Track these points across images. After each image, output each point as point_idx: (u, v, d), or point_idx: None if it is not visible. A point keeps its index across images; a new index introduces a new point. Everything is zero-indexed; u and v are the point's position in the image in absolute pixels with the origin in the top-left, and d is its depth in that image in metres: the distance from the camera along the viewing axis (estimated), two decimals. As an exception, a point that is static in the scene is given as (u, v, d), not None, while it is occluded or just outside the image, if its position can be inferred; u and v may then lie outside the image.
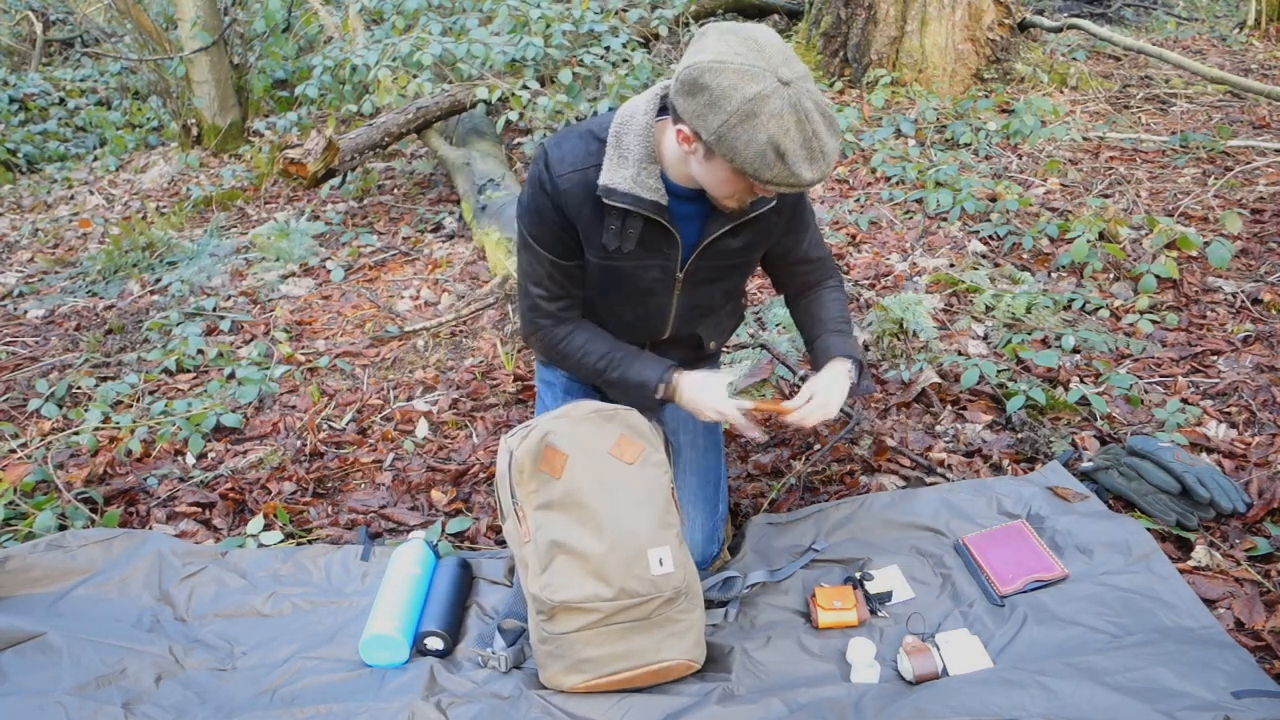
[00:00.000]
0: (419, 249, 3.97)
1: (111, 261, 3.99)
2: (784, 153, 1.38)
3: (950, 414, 2.49)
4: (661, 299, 1.80)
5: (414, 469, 2.50)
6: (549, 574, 1.62)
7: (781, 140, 1.37)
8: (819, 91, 1.41)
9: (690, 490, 1.95)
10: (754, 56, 1.37)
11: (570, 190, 1.63)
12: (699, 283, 1.79)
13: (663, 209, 1.62)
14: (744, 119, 1.36)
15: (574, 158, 1.63)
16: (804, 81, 1.39)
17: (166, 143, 6.49)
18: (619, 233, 1.64)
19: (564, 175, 1.62)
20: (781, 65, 1.37)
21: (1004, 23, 4.94)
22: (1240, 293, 2.90)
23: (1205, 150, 4.02)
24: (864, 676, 1.67)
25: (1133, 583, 1.79)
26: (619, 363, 1.79)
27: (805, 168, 1.40)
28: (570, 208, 1.64)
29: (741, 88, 1.36)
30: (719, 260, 1.76)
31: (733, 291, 1.91)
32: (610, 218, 1.63)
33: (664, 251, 1.71)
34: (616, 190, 1.58)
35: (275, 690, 1.74)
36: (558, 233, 1.69)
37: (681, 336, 1.92)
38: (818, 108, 1.39)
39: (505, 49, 4.30)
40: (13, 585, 1.96)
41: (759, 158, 1.38)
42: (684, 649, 1.66)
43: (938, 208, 3.63)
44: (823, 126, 1.40)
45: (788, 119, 1.36)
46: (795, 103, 1.36)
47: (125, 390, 2.90)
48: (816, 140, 1.39)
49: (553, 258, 1.73)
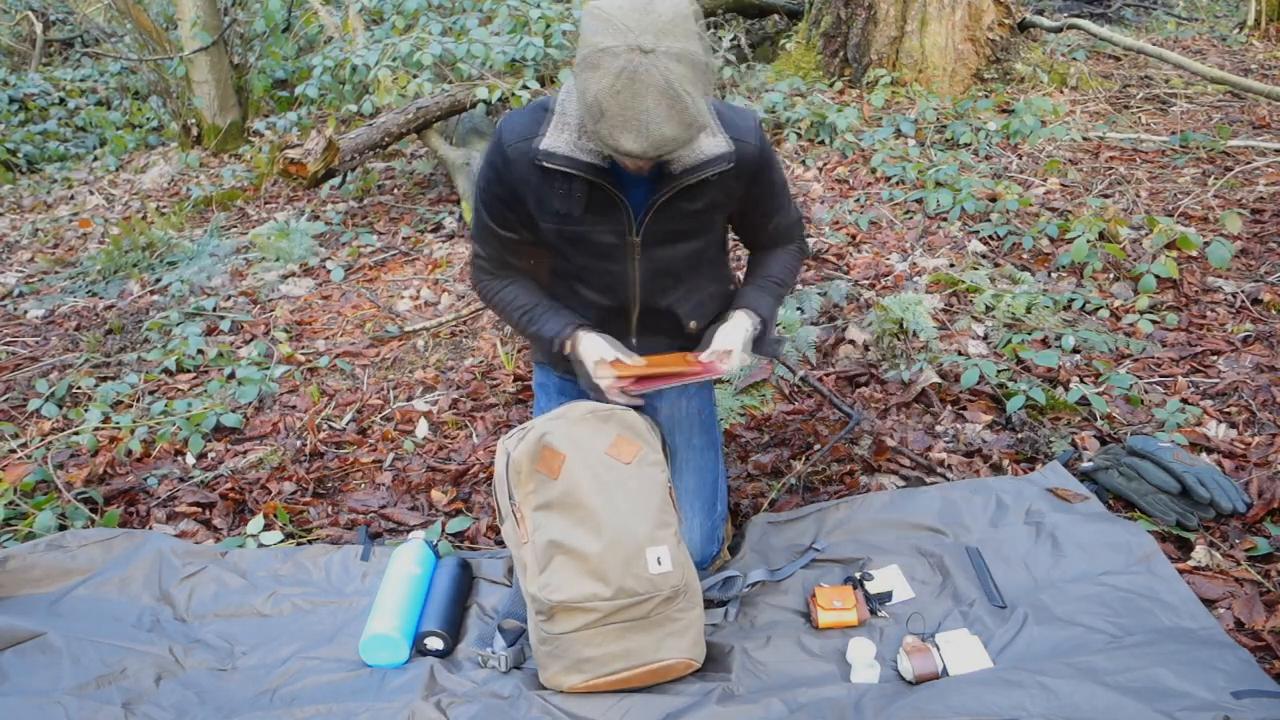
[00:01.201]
0: (419, 249, 3.97)
1: (111, 261, 3.99)
2: (605, 112, 1.39)
3: (950, 414, 2.49)
4: (622, 265, 1.78)
5: (414, 469, 2.50)
6: (547, 574, 1.62)
7: (606, 99, 1.38)
8: (686, 75, 1.39)
9: (687, 490, 1.95)
10: (632, 15, 1.38)
11: (517, 160, 1.66)
12: (657, 245, 1.76)
13: (603, 171, 1.62)
14: (588, 66, 1.40)
15: (522, 128, 1.66)
16: (669, 59, 1.37)
17: (166, 143, 6.49)
18: (567, 196, 1.66)
19: (511, 145, 1.66)
20: (652, 33, 1.37)
21: (1004, 23, 4.94)
22: (1240, 293, 2.90)
23: (1205, 150, 4.02)
24: (864, 676, 1.67)
25: (1133, 583, 1.80)
26: (536, 317, 1.82)
27: (625, 136, 1.41)
28: (518, 177, 1.68)
29: (598, 37, 1.38)
30: (676, 223, 1.73)
31: (698, 259, 1.85)
32: (557, 183, 1.65)
33: (613, 215, 1.70)
34: (554, 154, 1.61)
35: (275, 690, 1.74)
36: (501, 204, 1.74)
37: (655, 310, 1.88)
38: (666, 86, 1.37)
39: (505, 49, 4.30)
40: (13, 585, 1.96)
41: (589, 108, 1.41)
42: (683, 648, 1.66)
43: (938, 208, 3.63)
44: (659, 105, 1.38)
45: (621, 81, 1.37)
46: (638, 70, 1.36)
47: (125, 390, 2.90)
48: (645, 115, 1.38)
49: (493, 225, 1.78)
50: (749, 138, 1.69)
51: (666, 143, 1.42)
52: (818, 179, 4.15)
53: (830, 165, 4.25)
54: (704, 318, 1.93)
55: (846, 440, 2.41)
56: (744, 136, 1.68)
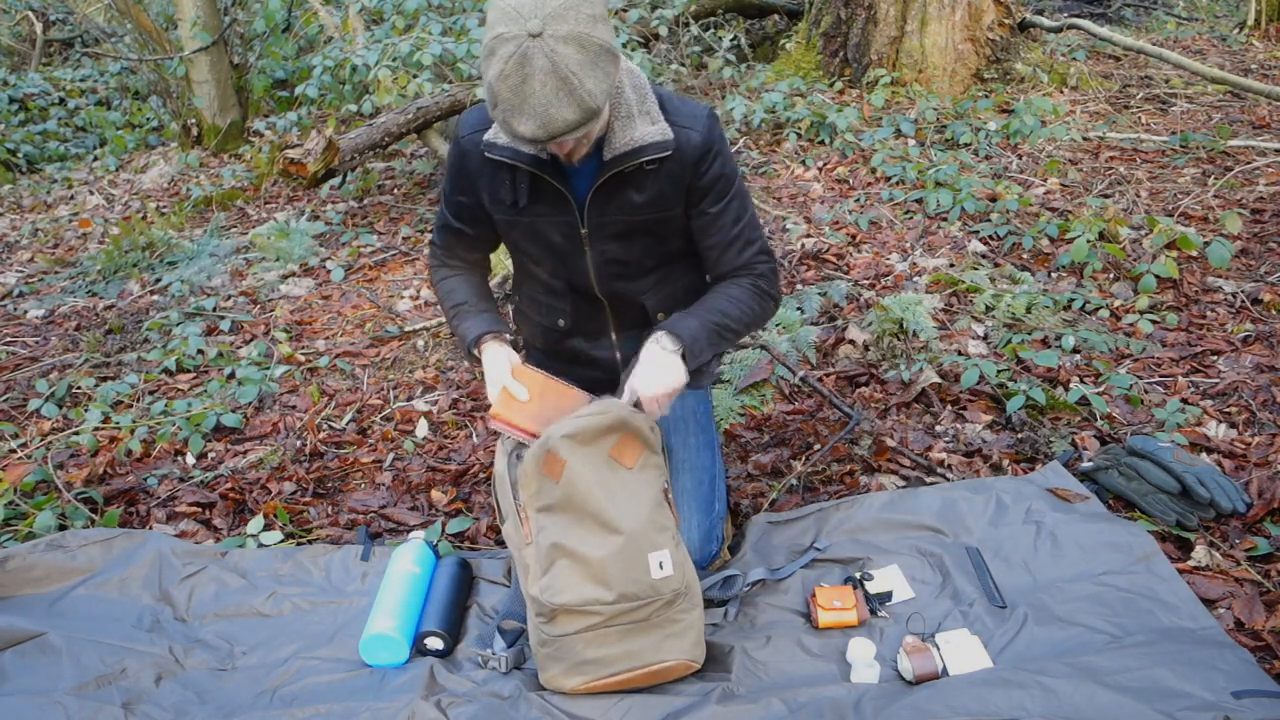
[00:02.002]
0: (419, 249, 3.97)
1: (111, 261, 3.99)
2: (498, 97, 1.42)
3: (950, 414, 2.49)
4: (575, 255, 1.79)
5: (414, 469, 2.50)
6: (549, 577, 1.62)
7: (498, 84, 1.41)
8: (577, 57, 1.39)
9: (684, 489, 1.94)
10: (527, 3, 1.39)
11: (470, 150, 1.71)
12: (608, 237, 1.76)
13: (542, 163, 1.65)
14: (486, 55, 1.43)
15: (477, 120, 1.71)
16: (558, 41, 1.38)
17: (166, 143, 6.49)
18: (512, 186, 1.70)
19: (465, 137, 1.71)
20: (543, 18, 1.38)
21: (1004, 23, 4.94)
22: (1240, 293, 2.90)
23: (1205, 150, 4.02)
24: (864, 676, 1.67)
25: (1133, 583, 1.80)
26: (462, 315, 1.85)
27: (517, 119, 1.43)
28: (471, 168, 1.73)
29: (495, 26, 1.41)
30: (623, 215, 1.72)
31: (658, 254, 1.82)
32: (502, 173, 1.69)
33: (559, 206, 1.72)
34: (496, 144, 1.65)
35: (275, 690, 1.74)
36: (456, 194, 1.80)
37: (621, 300, 1.87)
38: (554, 69, 1.39)
39: (505, 49, 4.29)
40: (13, 585, 1.96)
41: (488, 95, 1.44)
42: (683, 649, 1.66)
43: (938, 208, 3.63)
44: (547, 88, 1.40)
45: (511, 66, 1.39)
46: (527, 55, 1.38)
47: (125, 390, 2.90)
48: (534, 98, 1.40)
49: (450, 215, 1.84)
50: (694, 125, 1.67)
51: (558, 125, 1.43)
52: (818, 179, 4.15)
53: (830, 165, 4.25)
54: (671, 309, 1.88)
55: (846, 440, 2.41)
56: (688, 124, 1.67)
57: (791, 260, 3.40)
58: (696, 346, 1.71)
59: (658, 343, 1.71)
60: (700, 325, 1.73)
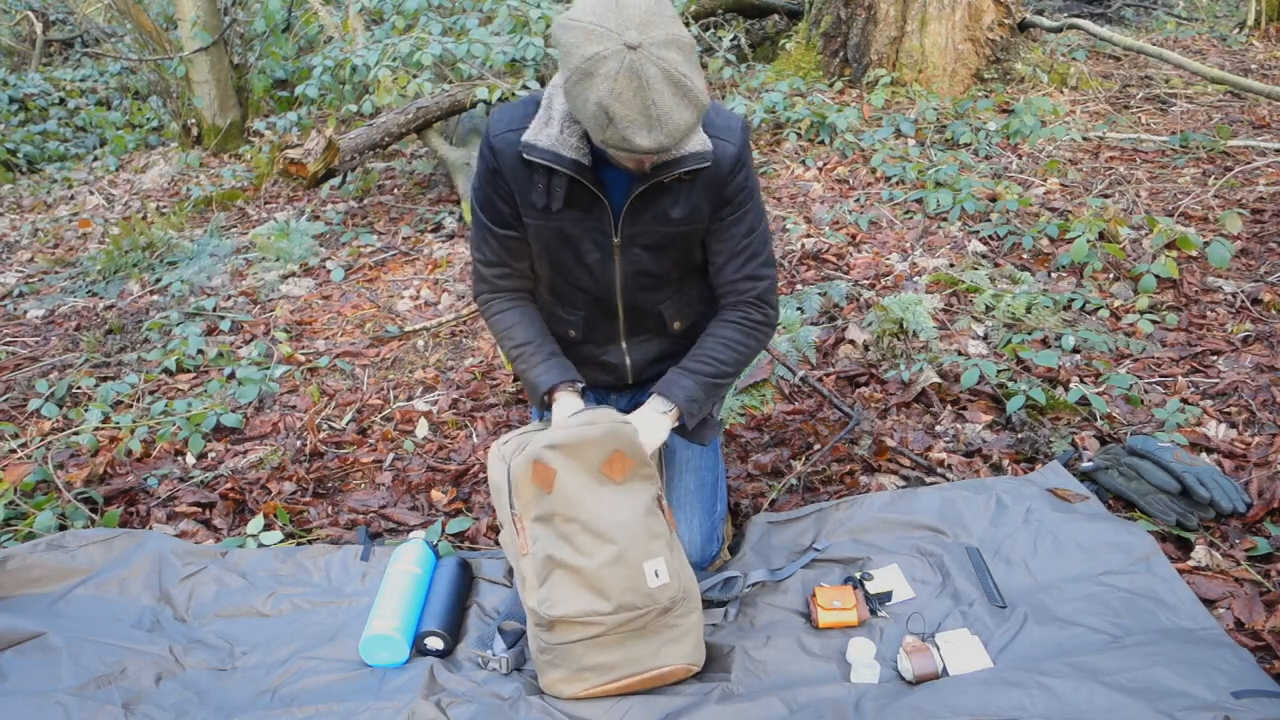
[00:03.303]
0: (419, 249, 3.97)
1: (111, 261, 3.99)
2: (614, 116, 1.37)
3: (950, 414, 2.49)
4: (604, 263, 1.77)
5: (414, 469, 2.50)
6: (547, 588, 1.61)
7: (611, 104, 1.36)
8: (680, 59, 1.37)
9: (687, 490, 1.94)
10: (607, 16, 1.36)
11: (504, 151, 1.66)
12: (640, 248, 1.75)
13: (584, 168, 1.62)
14: (582, 78, 1.37)
15: (510, 119, 1.66)
16: (659, 48, 1.36)
17: (166, 143, 6.49)
18: (547, 190, 1.66)
19: (499, 136, 1.66)
20: (634, 28, 1.35)
21: (1004, 23, 4.94)
22: (1240, 293, 2.90)
23: (1205, 150, 4.02)
24: (864, 676, 1.67)
25: (1133, 583, 1.80)
26: (529, 356, 1.82)
27: (639, 134, 1.39)
28: (505, 169, 1.68)
29: (582, 47, 1.36)
30: (658, 226, 1.72)
31: (684, 265, 1.83)
32: (537, 176, 1.65)
33: (593, 212, 1.69)
34: (536, 146, 1.60)
35: (275, 690, 1.74)
36: (494, 198, 1.74)
37: (639, 310, 1.87)
38: (666, 75, 1.36)
39: (505, 49, 4.30)
40: (13, 585, 1.96)
41: (593, 118, 1.39)
42: (683, 653, 1.66)
43: (938, 208, 3.63)
44: (667, 95, 1.37)
45: (622, 82, 1.35)
46: (635, 67, 1.34)
47: (125, 390, 2.90)
48: (655, 108, 1.37)
49: (488, 222, 1.77)
50: (729, 137, 1.68)
51: (681, 130, 1.41)
52: (818, 179, 4.15)
53: (830, 165, 4.25)
54: (688, 318, 1.94)
55: (846, 440, 2.41)
56: (724, 136, 1.67)
57: (791, 260, 3.40)
58: (693, 406, 1.76)
59: (652, 406, 1.76)
60: (695, 385, 1.77)
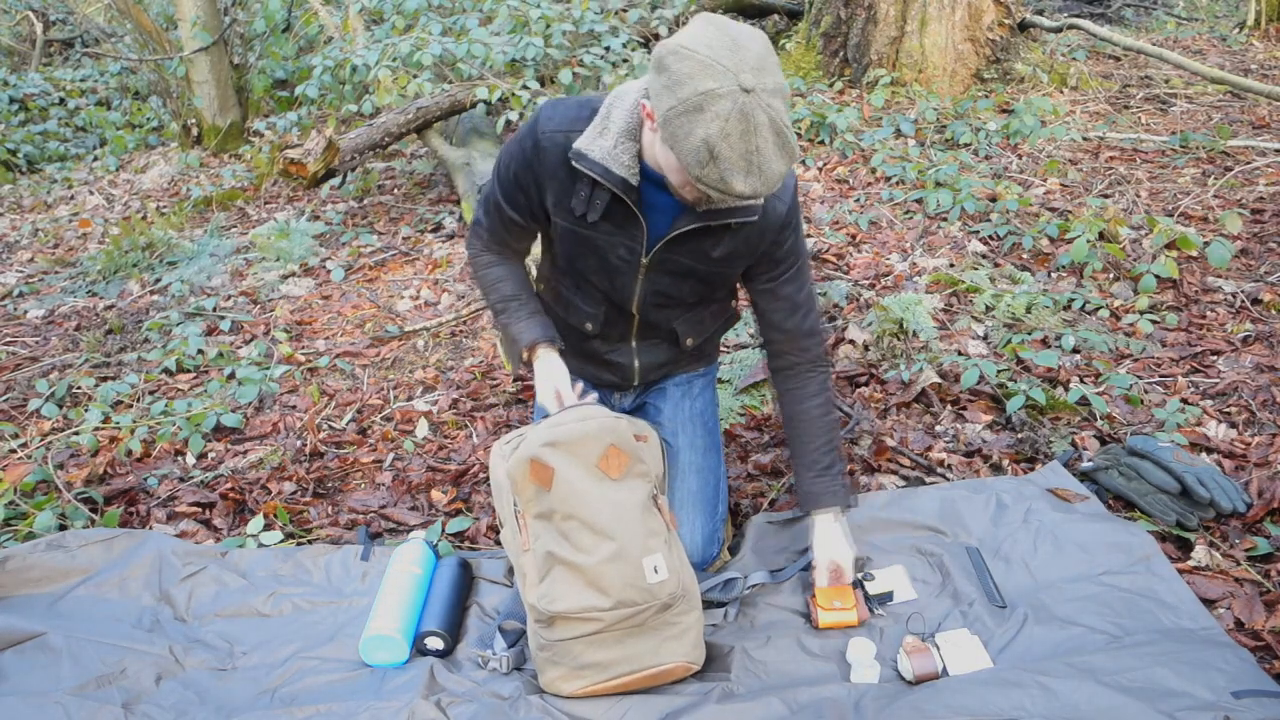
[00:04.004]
0: (419, 249, 3.97)
1: (111, 261, 3.99)
2: (717, 156, 1.36)
3: (950, 414, 2.49)
4: (626, 278, 1.78)
5: (414, 469, 2.50)
6: (547, 584, 1.62)
7: (718, 143, 1.35)
8: (784, 110, 1.37)
9: (689, 491, 1.94)
10: (725, 53, 1.35)
11: (550, 149, 1.65)
12: (665, 273, 1.76)
13: (631, 188, 1.61)
14: (690, 110, 1.35)
15: (563, 118, 1.65)
16: (769, 95, 1.35)
17: (166, 143, 6.49)
18: (587, 200, 1.65)
19: (548, 133, 1.65)
20: (749, 71, 1.34)
21: (1004, 23, 4.94)
22: (1240, 293, 2.90)
23: (1205, 150, 4.02)
24: (864, 676, 1.67)
25: (1133, 583, 1.80)
26: (513, 312, 1.85)
27: (738, 178, 1.38)
28: (546, 166, 1.67)
29: (697, 79, 1.34)
30: (692, 260, 1.73)
31: (706, 295, 1.86)
32: (580, 184, 1.64)
33: (629, 232, 1.70)
34: (587, 156, 1.60)
35: (275, 690, 1.74)
36: (520, 185, 1.74)
37: (652, 323, 1.89)
38: (772, 124, 1.36)
39: (505, 49, 4.30)
40: (13, 585, 1.96)
41: (694, 153, 1.37)
42: (682, 651, 1.66)
43: (938, 208, 3.63)
44: (771, 144, 1.36)
45: (732, 124, 1.34)
46: (747, 111, 1.34)
47: (125, 390, 2.90)
48: (758, 155, 1.36)
49: (502, 201, 1.79)
50: (782, 195, 1.68)
51: (776, 179, 1.41)
52: (818, 179, 4.15)
53: (830, 165, 4.25)
54: (700, 334, 1.97)
55: (846, 440, 2.41)
56: (777, 193, 1.67)
57: (791, 260, 3.40)
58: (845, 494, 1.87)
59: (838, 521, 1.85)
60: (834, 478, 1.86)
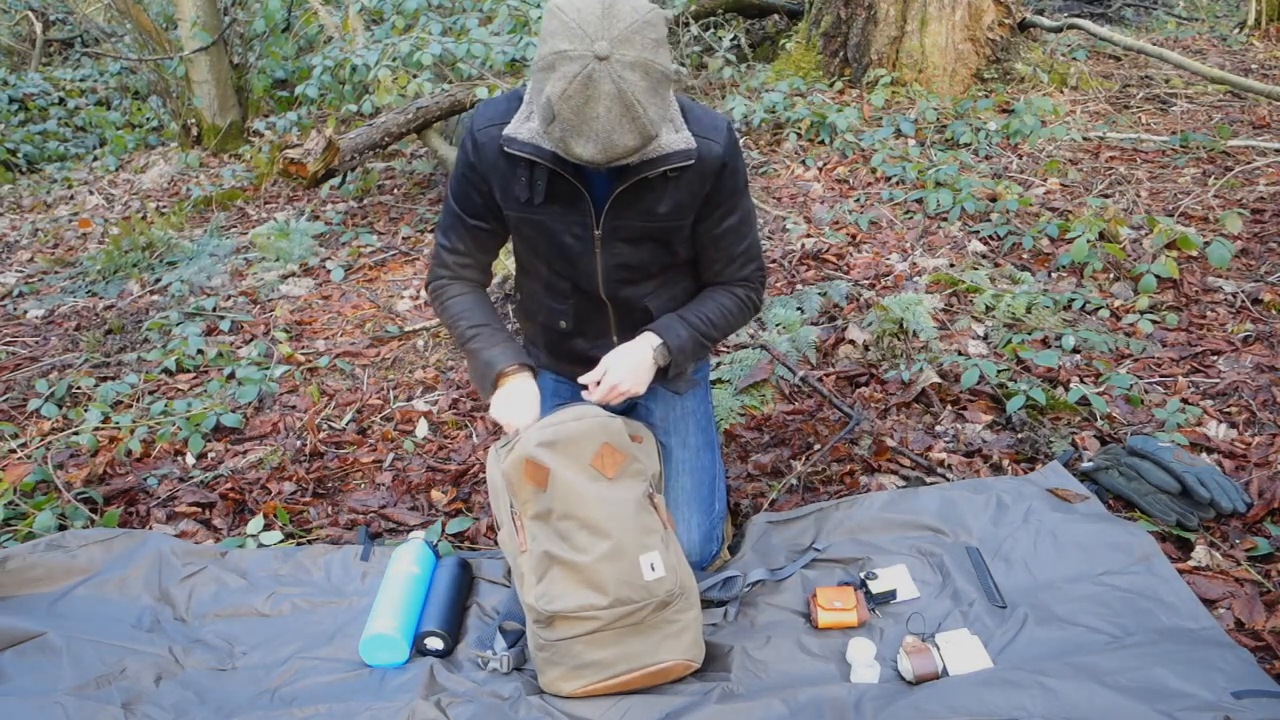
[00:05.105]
0: (419, 249, 3.97)
1: (111, 261, 3.99)
2: (557, 115, 1.39)
3: (950, 414, 2.49)
4: (585, 256, 1.78)
5: (414, 469, 2.50)
6: (544, 584, 1.62)
7: (558, 103, 1.38)
8: (642, 84, 1.38)
9: (685, 490, 1.94)
10: (591, 18, 1.36)
11: (486, 144, 1.68)
12: (620, 240, 1.75)
13: (564, 161, 1.62)
14: (544, 68, 1.39)
15: (493, 113, 1.68)
16: (625, 67, 1.36)
17: (166, 143, 6.49)
18: (528, 184, 1.67)
19: (481, 129, 1.68)
20: (610, 40, 1.35)
21: (1004, 23, 4.94)
22: (1240, 293, 2.90)
23: (1205, 150, 4.02)
24: (864, 676, 1.67)
25: (1133, 583, 1.79)
26: (486, 337, 1.82)
27: (576, 142, 1.41)
28: (486, 162, 1.69)
29: (555, 39, 1.37)
30: (641, 220, 1.72)
31: (665, 259, 1.83)
32: (519, 169, 1.66)
33: (575, 205, 1.70)
34: (516, 139, 1.61)
35: (275, 690, 1.74)
36: (470, 189, 1.75)
37: (622, 302, 1.87)
38: (620, 95, 1.37)
39: (505, 49, 4.30)
40: (13, 585, 1.96)
41: (542, 109, 1.41)
42: (681, 649, 1.66)
43: (938, 208, 3.63)
44: (613, 113, 1.38)
45: (575, 87, 1.36)
46: (591, 77, 1.35)
47: (125, 390, 2.90)
48: (595, 122, 1.38)
49: (460, 211, 1.79)
50: (715, 137, 1.67)
51: (618, 151, 1.43)
52: (818, 179, 4.15)
53: (830, 165, 4.25)
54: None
55: (846, 440, 2.41)
56: (709, 135, 1.67)
57: (791, 260, 3.40)
58: (681, 358, 1.79)
59: (649, 344, 1.76)
60: (689, 337, 1.79)
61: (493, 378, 1.78)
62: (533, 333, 2.04)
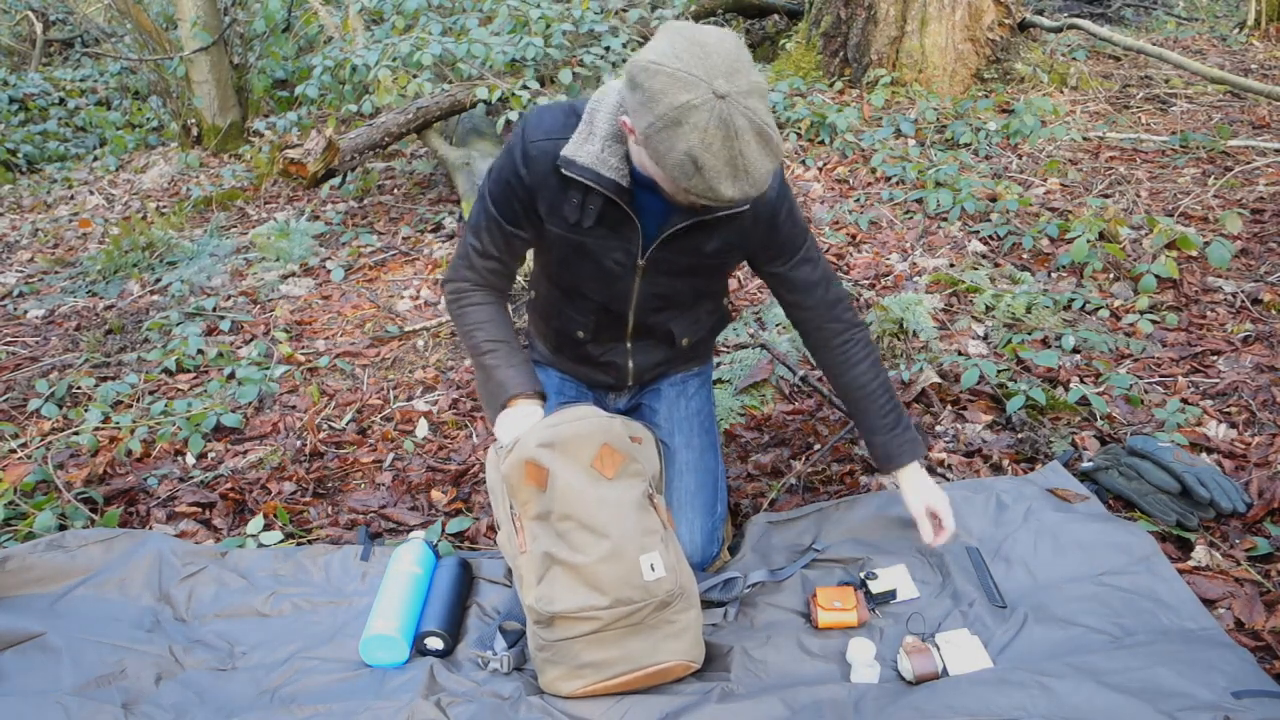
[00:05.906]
0: (419, 249, 3.97)
1: (111, 261, 3.99)
2: (702, 166, 1.35)
3: (950, 414, 2.49)
4: (623, 283, 1.78)
5: (414, 469, 2.50)
6: (544, 585, 1.62)
7: (701, 154, 1.34)
8: (763, 108, 1.36)
9: (687, 491, 1.94)
10: (694, 62, 1.33)
11: (539, 158, 1.64)
12: (662, 274, 1.76)
13: (623, 190, 1.61)
14: (668, 125, 1.34)
15: (549, 127, 1.64)
16: (745, 97, 1.34)
17: (166, 143, 6.49)
18: (580, 207, 1.64)
19: (535, 142, 1.64)
20: (722, 76, 1.33)
21: (1004, 23, 4.94)
22: (1240, 293, 2.90)
23: (1205, 150, 4.02)
24: (864, 676, 1.67)
25: (1133, 583, 1.79)
26: (502, 355, 1.79)
27: (725, 184, 1.37)
28: (536, 175, 1.65)
29: (671, 94, 1.33)
30: (687, 257, 1.73)
31: (705, 291, 1.87)
32: (572, 191, 1.64)
33: (624, 235, 1.69)
34: (576, 163, 1.59)
35: (275, 690, 1.74)
36: (513, 197, 1.71)
37: (648, 326, 1.88)
38: (753, 125, 1.35)
39: (505, 49, 4.30)
40: (13, 585, 1.96)
41: (678, 166, 1.36)
42: (682, 650, 1.66)
43: (938, 208, 3.63)
44: (754, 146, 1.36)
45: (712, 133, 1.33)
46: (725, 117, 1.33)
47: (125, 390, 2.90)
48: (742, 159, 1.35)
49: (497, 216, 1.74)
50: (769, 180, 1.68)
51: (764, 179, 1.40)
52: (818, 179, 4.15)
53: (830, 165, 4.25)
54: (696, 334, 1.96)
55: (846, 440, 2.41)
56: None
57: (791, 260, 3.40)
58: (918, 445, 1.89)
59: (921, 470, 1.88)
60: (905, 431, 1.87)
61: (504, 399, 1.77)
62: (543, 331, 2.03)
